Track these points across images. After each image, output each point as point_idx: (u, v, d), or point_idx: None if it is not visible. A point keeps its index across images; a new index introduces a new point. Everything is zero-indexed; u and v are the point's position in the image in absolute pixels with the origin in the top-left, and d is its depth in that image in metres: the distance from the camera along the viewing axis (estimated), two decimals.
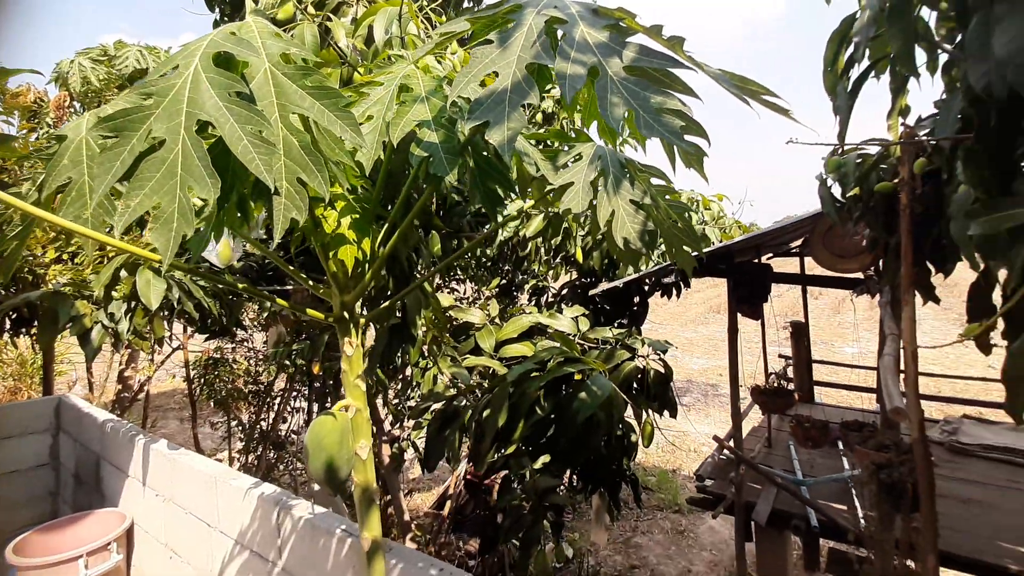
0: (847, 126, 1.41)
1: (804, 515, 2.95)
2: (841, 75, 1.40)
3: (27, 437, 3.65)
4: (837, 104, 1.38)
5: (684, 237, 1.30)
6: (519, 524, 1.95)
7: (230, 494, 2.26)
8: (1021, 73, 0.66)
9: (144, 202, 0.68)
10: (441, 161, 0.93)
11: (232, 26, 0.78)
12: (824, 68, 1.45)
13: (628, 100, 0.65)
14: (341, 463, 1.08)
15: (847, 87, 1.32)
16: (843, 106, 1.35)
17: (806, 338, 4.53)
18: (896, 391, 1.25)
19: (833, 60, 1.41)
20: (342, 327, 1.13)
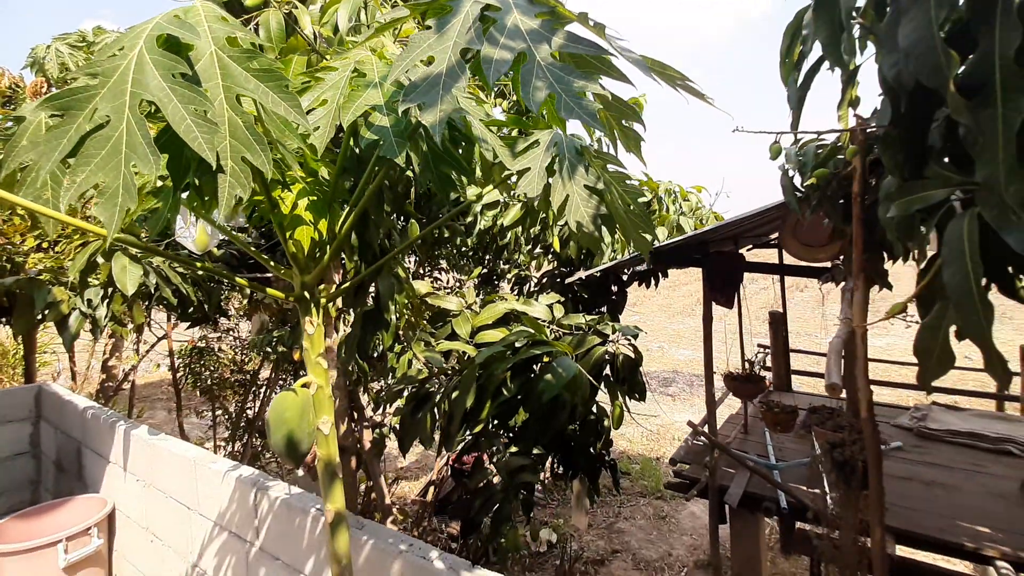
0: (799, 116, 1.45)
1: (775, 497, 3.03)
2: (795, 67, 1.44)
3: (5, 425, 3.64)
4: (789, 95, 1.42)
5: (639, 222, 1.34)
6: (491, 502, 2.00)
7: (209, 477, 2.29)
8: (922, 64, 0.70)
9: (89, 178, 0.70)
10: (391, 144, 0.96)
11: (178, 9, 0.80)
12: (780, 60, 1.49)
13: (552, 84, 0.69)
14: (301, 436, 1.12)
15: (798, 79, 1.36)
16: (794, 96, 1.39)
17: (784, 328, 4.61)
18: (835, 369, 1.30)
19: (787, 52, 1.45)
20: (303, 306, 1.16)
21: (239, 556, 2.12)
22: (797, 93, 1.41)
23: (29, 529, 2.68)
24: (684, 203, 3.86)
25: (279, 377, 4.86)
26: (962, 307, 0.73)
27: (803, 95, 1.43)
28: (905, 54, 0.73)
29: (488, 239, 3.32)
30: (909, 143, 0.85)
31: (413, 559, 1.49)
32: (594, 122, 0.66)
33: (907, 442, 3.46)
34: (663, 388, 9.64)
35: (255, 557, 2.05)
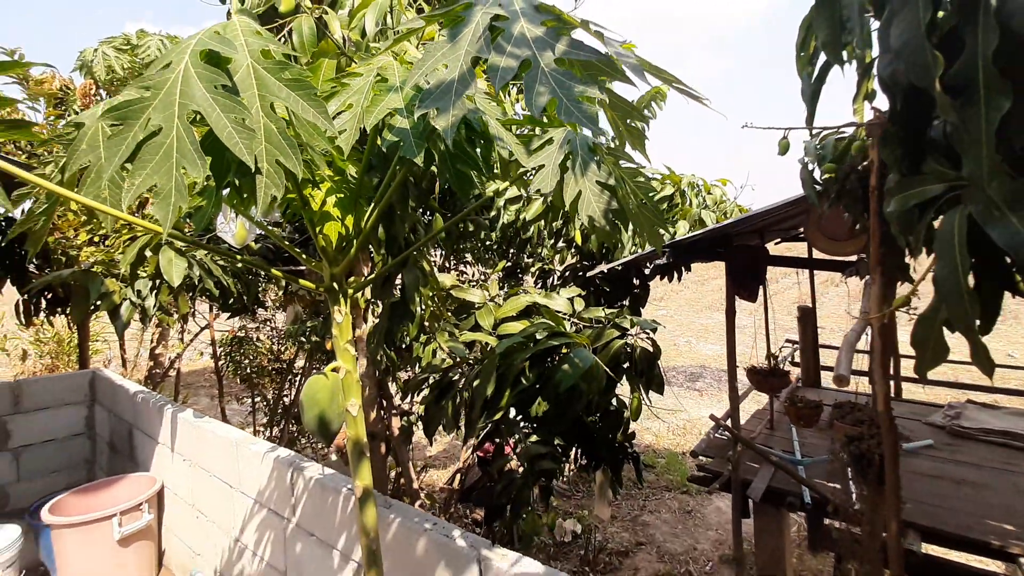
0: (814, 110, 1.46)
1: (799, 493, 3.01)
2: (810, 60, 1.45)
3: (63, 408, 3.92)
4: (803, 89, 1.43)
5: (652, 217, 1.38)
6: (511, 487, 2.08)
7: (249, 457, 2.44)
8: (912, 64, 0.73)
9: (146, 181, 0.80)
10: (411, 145, 1.03)
11: (218, 25, 0.89)
12: (796, 53, 1.50)
13: (554, 89, 0.74)
14: (332, 416, 1.21)
15: (812, 73, 1.37)
16: (808, 91, 1.40)
17: (813, 323, 4.53)
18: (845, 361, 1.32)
19: (802, 45, 1.46)
20: (332, 296, 1.25)
21: (277, 532, 2.26)
22: (811, 87, 1.42)
23: (86, 504, 2.90)
24: (707, 196, 3.83)
25: (313, 366, 5.05)
26: (950, 300, 0.75)
27: (818, 89, 1.43)
28: (896, 54, 0.75)
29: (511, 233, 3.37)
30: (907, 139, 0.87)
31: (437, 537, 1.57)
32: (592, 125, 0.71)
33: (939, 440, 3.37)
34: (690, 383, 9.55)
35: (292, 533, 2.18)
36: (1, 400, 3.67)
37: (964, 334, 0.74)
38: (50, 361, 8.16)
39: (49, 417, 3.87)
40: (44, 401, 3.85)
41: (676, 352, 11.45)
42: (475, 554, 1.45)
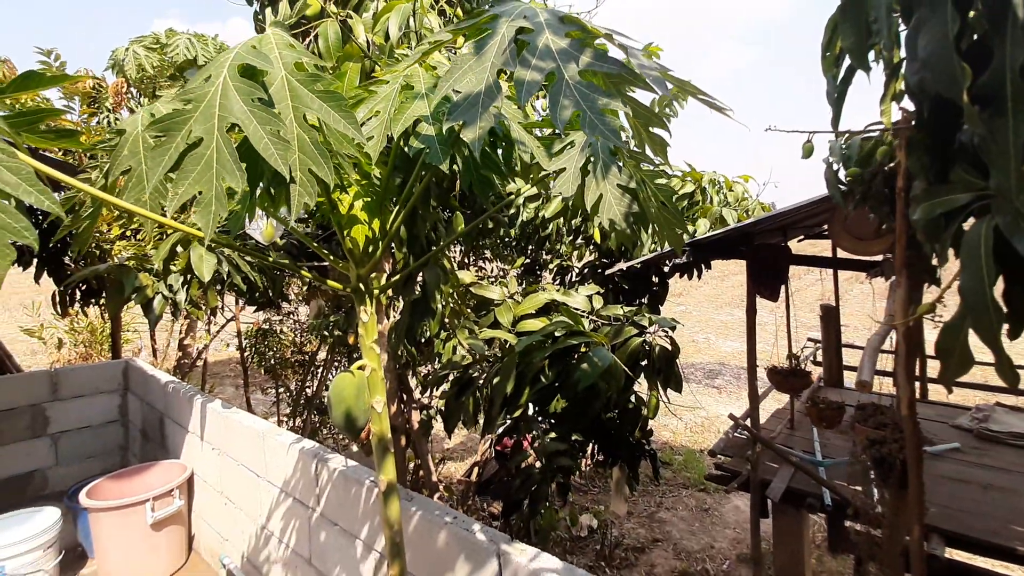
0: (840, 113, 1.44)
1: (819, 494, 2.99)
2: (835, 62, 1.43)
3: (98, 396, 4.08)
4: (829, 91, 1.42)
5: (672, 219, 1.39)
6: (529, 482, 2.11)
7: (275, 448, 2.51)
8: (939, 74, 0.73)
9: (189, 190, 0.84)
10: (436, 152, 1.06)
11: (254, 40, 0.93)
12: (821, 54, 1.48)
13: (578, 102, 0.76)
14: (358, 413, 1.26)
15: (838, 75, 1.35)
16: (834, 93, 1.38)
17: (836, 322, 4.46)
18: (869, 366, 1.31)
19: (828, 46, 1.44)
20: (358, 296, 1.29)
21: (302, 520, 2.33)
22: (837, 89, 1.41)
23: (121, 489, 3.02)
24: (728, 193, 3.78)
25: (335, 359, 5.16)
26: (975, 311, 0.75)
27: (844, 91, 1.42)
28: (923, 63, 0.75)
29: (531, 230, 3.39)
30: (934, 147, 0.86)
31: (457, 530, 1.61)
32: (616, 139, 0.73)
33: (965, 443, 3.31)
34: (709, 380, 9.47)
35: (316, 522, 2.25)
36: (40, 388, 3.84)
37: (989, 346, 0.74)
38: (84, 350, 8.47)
39: (85, 405, 4.03)
40: (80, 389, 4.00)
41: (695, 349, 11.36)
42: (495, 548, 1.48)
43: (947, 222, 0.86)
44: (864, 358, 1.32)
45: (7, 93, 0.90)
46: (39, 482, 3.83)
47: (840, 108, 1.46)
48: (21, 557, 2.64)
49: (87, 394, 4.04)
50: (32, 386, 3.81)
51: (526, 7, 0.93)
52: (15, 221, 0.79)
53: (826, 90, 1.46)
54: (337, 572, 2.12)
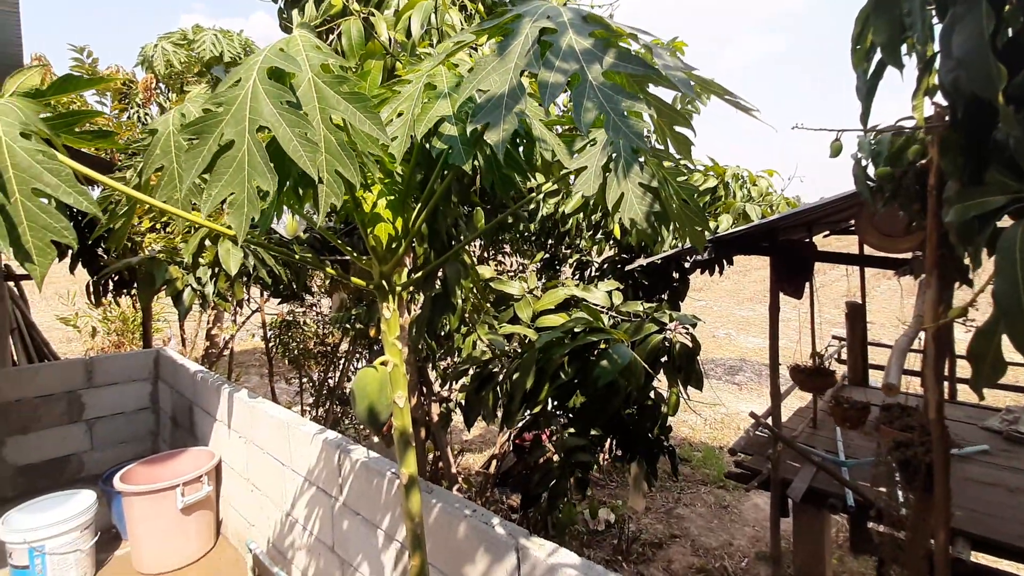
0: (869, 108, 1.41)
1: (841, 494, 2.95)
2: (866, 56, 1.40)
3: (130, 384, 4.22)
4: (859, 85, 1.39)
5: (694, 217, 1.38)
6: (548, 477, 2.13)
7: (299, 438, 2.58)
8: (974, 74, 0.71)
9: (222, 191, 0.87)
10: (459, 152, 1.07)
11: (281, 42, 0.95)
12: (851, 47, 1.45)
13: (602, 104, 0.76)
14: (380, 408, 1.28)
15: (868, 69, 1.32)
16: (864, 87, 1.35)
17: (862, 320, 4.36)
18: (896, 368, 1.28)
19: (858, 39, 1.41)
20: (381, 293, 1.32)
21: (325, 509, 2.39)
22: (867, 84, 1.38)
23: (152, 474, 3.13)
24: (752, 188, 3.71)
25: (356, 350, 5.24)
26: (1009, 316, 0.74)
27: (874, 86, 1.39)
28: (958, 62, 0.74)
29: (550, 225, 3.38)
30: (968, 148, 0.84)
31: (476, 523, 1.64)
32: (640, 143, 0.73)
33: (995, 446, 3.22)
34: (729, 377, 9.36)
35: (339, 511, 2.31)
36: (76, 375, 3.99)
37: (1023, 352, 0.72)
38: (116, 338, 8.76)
39: (118, 392, 4.17)
40: (114, 377, 4.15)
41: (715, 344, 11.23)
42: (513, 543, 1.50)
43: (981, 224, 0.84)
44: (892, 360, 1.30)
45: (47, 96, 0.94)
46: (75, 466, 3.99)
47: (870, 103, 1.43)
48: (60, 537, 2.76)
49: (120, 382, 4.19)
50: (68, 373, 3.96)
51: (549, 7, 0.93)
52: (56, 221, 0.83)
53: (856, 85, 1.43)
54: (359, 560, 2.18)
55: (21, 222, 0.81)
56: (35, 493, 3.66)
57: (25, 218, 0.81)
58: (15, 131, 0.83)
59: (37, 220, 0.81)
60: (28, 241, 0.81)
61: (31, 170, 0.82)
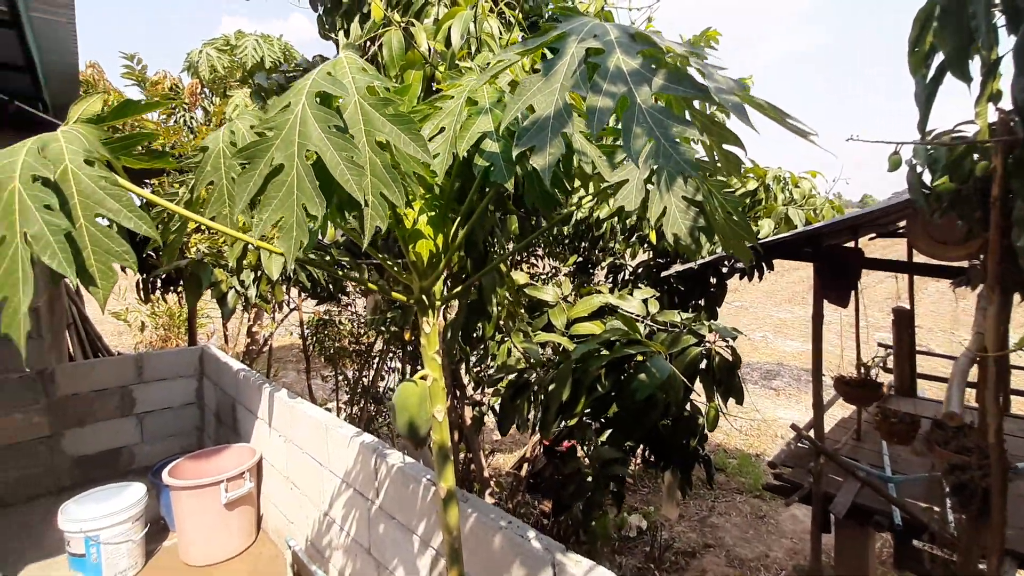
0: (928, 115, 1.34)
1: (888, 512, 2.83)
2: (925, 59, 1.33)
3: (177, 380, 4.40)
4: (917, 92, 1.32)
5: (740, 231, 1.34)
6: (582, 490, 2.11)
7: (337, 439, 2.63)
8: None
9: (272, 216, 0.89)
10: (501, 170, 1.07)
11: (328, 66, 0.96)
12: (908, 49, 1.38)
13: (652, 129, 0.74)
14: (420, 423, 1.30)
15: (926, 75, 1.26)
16: (922, 94, 1.29)
17: (910, 327, 4.16)
18: (957, 394, 1.22)
19: (916, 42, 1.34)
20: (421, 308, 1.33)
21: (362, 511, 2.44)
22: (926, 90, 1.31)
23: (198, 469, 3.26)
24: (795, 190, 3.57)
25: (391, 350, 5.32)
26: None
27: (933, 92, 1.32)
28: None
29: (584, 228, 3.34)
30: None
31: (512, 535, 1.64)
32: (692, 171, 0.71)
33: None
34: (766, 381, 9.10)
35: (375, 514, 2.35)
36: (128, 371, 4.18)
37: None
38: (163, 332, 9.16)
39: (166, 387, 4.36)
40: (162, 373, 4.34)
41: (751, 348, 10.93)
42: (550, 558, 1.50)
43: None
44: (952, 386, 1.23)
45: (108, 121, 0.98)
46: (127, 458, 4.18)
47: (929, 110, 1.36)
48: (113, 528, 2.90)
49: (168, 378, 4.37)
50: (121, 369, 4.15)
51: (595, 24, 0.91)
52: (117, 245, 0.86)
53: (914, 91, 1.36)
54: (395, 564, 2.21)
55: (86, 247, 0.84)
56: (90, 483, 3.86)
57: (89, 243, 0.84)
58: (80, 158, 0.86)
59: (100, 244, 0.85)
60: (92, 265, 0.84)
61: (95, 196, 0.85)
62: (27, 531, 3.40)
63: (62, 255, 0.79)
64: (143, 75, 6.54)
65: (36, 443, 3.79)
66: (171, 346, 8.87)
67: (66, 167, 0.85)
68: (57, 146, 0.86)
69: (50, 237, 0.79)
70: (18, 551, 3.19)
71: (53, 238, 0.79)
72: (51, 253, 0.79)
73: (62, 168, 0.84)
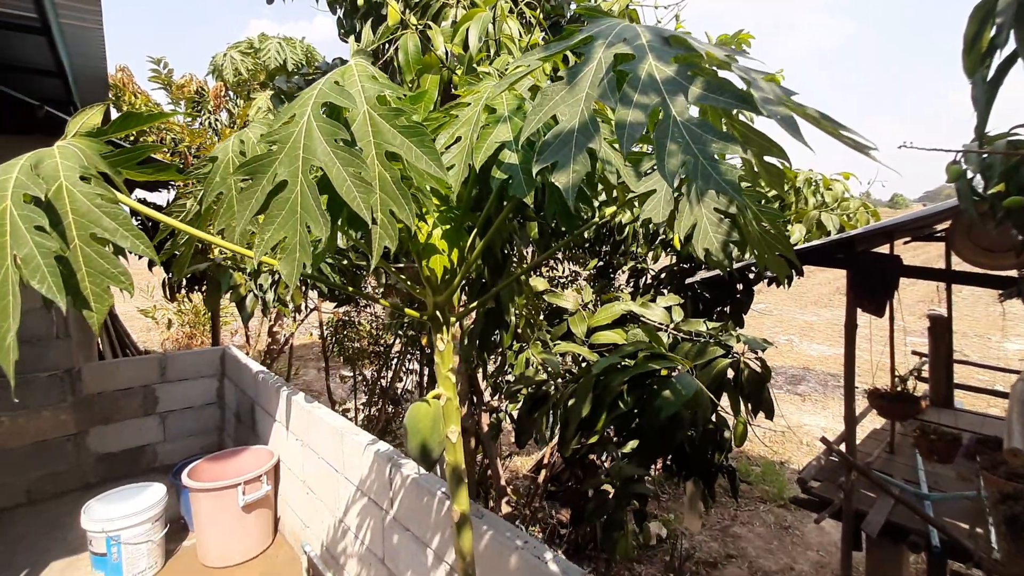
0: (987, 119, 1.23)
1: (924, 532, 2.69)
2: (983, 59, 1.21)
3: (199, 380, 4.45)
4: (975, 94, 1.21)
5: (777, 244, 1.25)
6: (603, 508, 2.03)
7: (353, 447, 2.60)
8: None
9: (275, 235, 0.83)
10: (520, 183, 1.00)
11: (336, 74, 0.90)
12: (964, 47, 1.26)
13: (688, 146, 0.66)
14: (433, 445, 1.24)
15: (986, 75, 1.14)
16: (981, 97, 1.17)
17: (947, 335, 3.97)
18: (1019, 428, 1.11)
19: (974, 40, 1.23)
20: (435, 324, 1.27)
21: (376, 520, 2.40)
22: (986, 92, 1.19)
23: (216, 471, 3.27)
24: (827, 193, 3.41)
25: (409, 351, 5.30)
26: None
27: (993, 94, 1.20)
28: None
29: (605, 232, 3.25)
30: None
31: (528, 556, 1.58)
32: (735, 193, 0.63)
33: None
34: (791, 386, 8.85)
35: (389, 524, 2.31)
36: (151, 371, 4.24)
37: None
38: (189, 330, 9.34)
39: (188, 387, 4.41)
40: (184, 373, 4.38)
41: (776, 352, 10.66)
42: None
43: None
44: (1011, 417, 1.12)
45: (109, 134, 0.94)
46: (150, 456, 4.24)
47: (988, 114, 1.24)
48: (134, 528, 2.93)
49: (190, 377, 4.42)
50: (144, 369, 4.21)
51: (625, 26, 0.83)
52: (113, 267, 0.82)
53: (971, 93, 1.25)
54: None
55: (80, 268, 0.80)
56: (114, 480, 3.93)
57: (84, 264, 0.80)
58: (75, 175, 0.82)
59: (95, 266, 0.81)
60: (87, 288, 0.80)
61: (90, 215, 0.81)
62: (53, 528, 3.46)
63: (52, 279, 0.74)
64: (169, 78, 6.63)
65: (63, 441, 3.86)
66: (196, 343, 9.03)
67: (61, 184, 0.81)
68: (52, 163, 0.82)
69: (40, 260, 0.75)
70: (44, 548, 3.25)
71: (43, 261, 0.75)
72: (40, 276, 0.74)
73: (56, 186, 0.80)
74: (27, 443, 3.72)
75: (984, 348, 9.58)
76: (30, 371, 3.71)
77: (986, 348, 9.59)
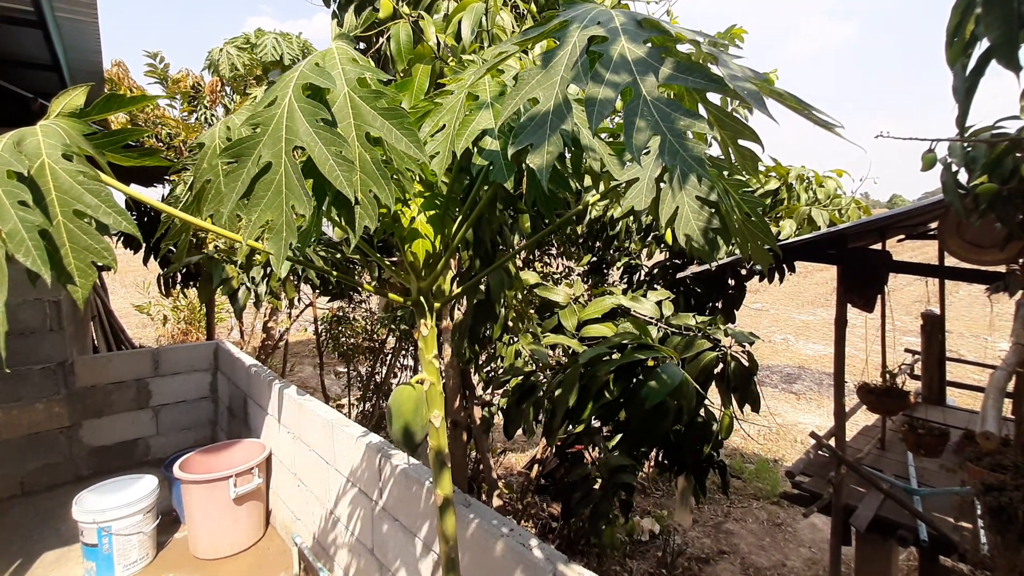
0: (967, 110, 1.25)
1: (913, 526, 2.71)
2: (964, 50, 1.23)
3: (193, 374, 4.45)
4: (956, 85, 1.22)
5: (758, 232, 1.26)
6: (588, 498, 2.05)
7: (343, 439, 2.61)
8: None
9: (261, 217, 0.84)
10: (501, 169, 1.01)
11: (317, 56, 0.91)
12: (946, 39, 1.28)
13: (656, 123, 0.68)
14: (416, 428, 1.25)
15: (967, 65, 1.16)
16: (961, 87, 1.19)
17: (940, 333, 3.99)
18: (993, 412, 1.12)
19: (955, 31, 1.25)
20: (418, 309, 1.28)
21: (366, 511, 2.41)
22: (966, 83, 1.21)
23: (209, 463, 3.28)
24: (819, 190, 3.43)
25: (403, 347, 5.31)
26: None
27: (973, 85, 1.22)
28: None
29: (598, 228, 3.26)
30: None
31: (514, 544, 1.59)
32: (701, 170, 0.64)
33: None
34: (786, 385, 8.88)
35: (378, 514, 2.32)
36: (145, 365, 4.24)
37: None
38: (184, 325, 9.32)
39: (181, 381, 4.41)
40: (178, 367, 4.39)
41: (771, 350, 10.70)
42: (551, 568, 1.44)
43: None
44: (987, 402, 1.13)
45: (91, 115, 0.94)
46: (142, 449, 4.25)
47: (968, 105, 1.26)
48: (125, 519, 2.93)
49: (183, 371, 4.42)
50: (138, 362, 4.21)
51: (600, 10, 0.85)
52: (96, 242, 0.83)
53: (952, 84, 1.27)
54: (397, 566, 2.18)
55: (63, 244, 0.81)
56: (107, 473, 3.93)
57: (67, 240, 0.81)
58: (58, 153, 0.83)
59: (79, 242, 0.82)
60: (71, 263, 0.81)
61: (72, 191, 0.82)
62: (46, 519, 3.47)
63: (36, 252, 0.76)
64: (165, 73, 6.63)
65: (56, 433, 3.87)
66: (191, 339, 9.02)
67: (43, 162, 0.82)
68: (34, 140, 0.83)
69: (24, 234, 0.76)
70: (37, 538, 3.26)
71: (27, 235, 0.76)
72: (25, 250, 0.75)
73: (39, 163, 0.81)
74: (21, 435, 3.72)
75: (980, 348, 9.61)
76: (23, 364, 3.71)
77: (982, 348, 9.63)
